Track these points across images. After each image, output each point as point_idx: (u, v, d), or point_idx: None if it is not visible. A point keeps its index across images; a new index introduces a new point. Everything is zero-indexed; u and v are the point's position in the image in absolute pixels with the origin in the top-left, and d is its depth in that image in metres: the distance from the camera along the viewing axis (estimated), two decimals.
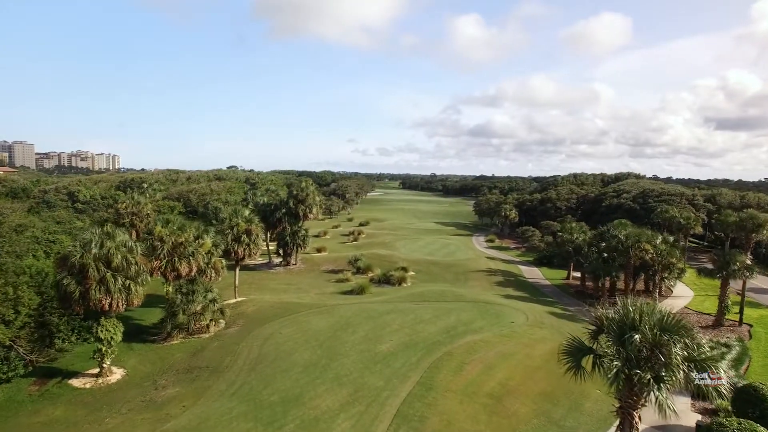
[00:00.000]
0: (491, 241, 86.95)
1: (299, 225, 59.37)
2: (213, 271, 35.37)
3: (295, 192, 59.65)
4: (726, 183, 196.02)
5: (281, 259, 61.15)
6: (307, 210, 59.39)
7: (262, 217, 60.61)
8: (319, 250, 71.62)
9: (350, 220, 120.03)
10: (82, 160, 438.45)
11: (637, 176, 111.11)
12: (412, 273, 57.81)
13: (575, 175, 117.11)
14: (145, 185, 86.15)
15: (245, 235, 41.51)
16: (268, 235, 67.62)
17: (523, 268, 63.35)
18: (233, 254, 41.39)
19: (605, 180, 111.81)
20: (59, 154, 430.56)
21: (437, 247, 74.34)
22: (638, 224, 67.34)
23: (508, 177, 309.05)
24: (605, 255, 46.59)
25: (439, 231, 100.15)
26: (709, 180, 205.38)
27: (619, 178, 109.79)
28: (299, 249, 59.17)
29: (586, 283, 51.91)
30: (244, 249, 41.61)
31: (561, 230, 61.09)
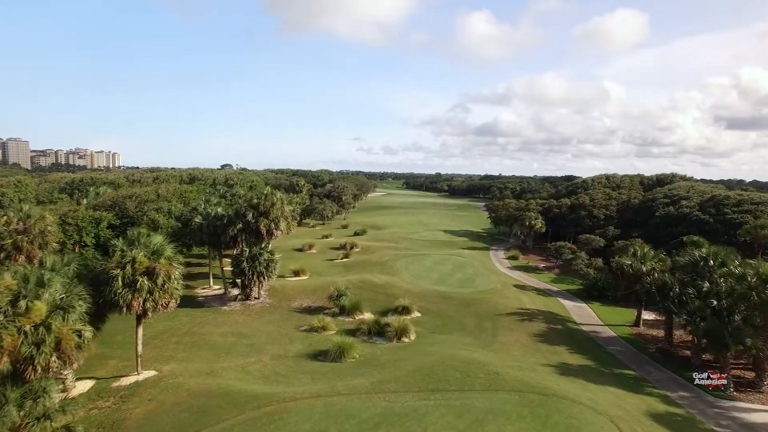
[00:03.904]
0: (514, 258, 70.47)
1: (262, 246, 43.21)
2: (55, 359, 19.22)
3: (255, 201, 43.48)
4: (740, 183, 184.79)
5: (240, 290, 45.10)
6: (272, 225, 43.22)
7: (212, 234, 44.69)
8: (296, 273, 55.67)
9: (345, 227, 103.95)
10: (80, 158, 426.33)
11: (684, 177, 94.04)
12: (417, 314, 41.58)
13: (608, 177, 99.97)
14: (91, 188, 70.35)
15: (144, 278, 25.35)
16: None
17: (566, 303, 46.87)
18: (124, 308, 25.22)
19: (645, 182, 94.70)
20: (56, 152, 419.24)
21: (449, 270, 57.94)
22: (715, 242, 51.19)
23: (515, 176, 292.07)
24: (714, 303, 30.10)
25: (449, 243, 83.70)
26: (721, 180, 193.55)
27: (661, 180, 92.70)
28: (262, 279, 42.98)
29: (673, 333, 35.48)
30: (144, 299, 25.46)
31: (623, 253, 44.66)
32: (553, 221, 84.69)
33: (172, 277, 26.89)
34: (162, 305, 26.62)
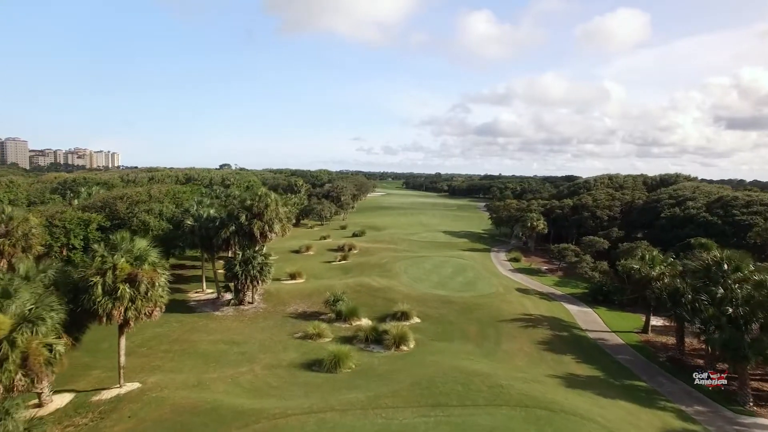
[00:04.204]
0: (516, 260, 68.87)
1: (256, 249, 41.66)
2: (21, 376, 17.63)
3: (249, 202, 41.91)
4: (741, 183, 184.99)
5: (233, 295, 43.54)
6: (266, 227, 41.70)
7: (204, 237, 43.18)
8: (293, 276, 54.25)
9: (343, 228, 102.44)
10: (79, 157, 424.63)
11: (688, 178, 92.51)
12: (417, 320, 40.03)
13: (610, 177, 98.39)
14: (82, 189, 68.81)
15: (126, 286, 23.79)
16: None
17: (571, 308, 45.31)
18: (104, 318, 23.64)
19: (648, 183, 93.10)
20: (55, 152, 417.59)
21: (450, 273, 56.39)
22: (724, 245, 49.77)
23: (515, 176, 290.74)
24: (729, 311, 28.55)
25: (449, 244, 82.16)
26: (722, 180, 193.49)
27: (665, 180, 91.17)
28: (256, 283, 41.43)
29: (685, 341, 33.93)
30: (126, 308, 23.90)
31: (629, 256, 43.27)
32: (555, 222, 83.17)
33: (157, 284, 25.30)
34: (145, 314, 25.07)
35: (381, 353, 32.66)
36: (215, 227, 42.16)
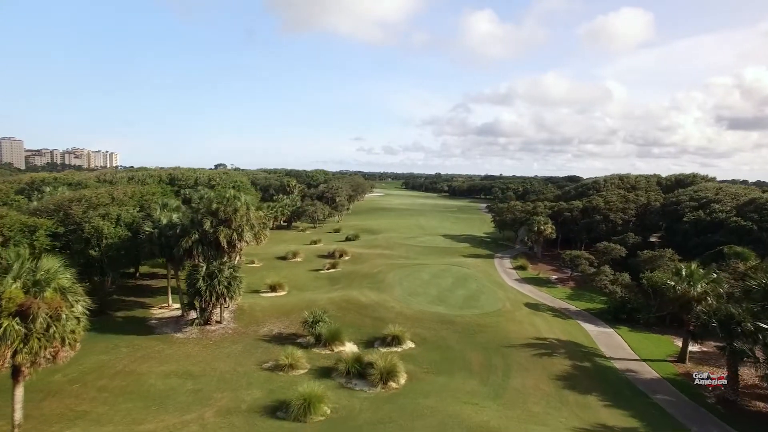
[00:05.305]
0: (522, 268, 62.78)
1: (222, 261, 35.60)
2: None
3: (215, 206, 35.83)
4: (744, 184, 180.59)
5: (198, 314, 37.47)
6: (235, 236, 35.62)
7: (164, 246, 37.14)
8: (273, 288, 48.15)
9: (337, 231, 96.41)
10: (76, 157, 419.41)
11: (705, 178, 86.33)
12: (410, 344, 33.97)
13: (621, 177, 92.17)
14: (48, 189, 62.80)
15: (14, 321, 17.75)
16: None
17: (589, 329, 39.18)
18: None
19: (663, 183, 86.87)
20: (52, 152, 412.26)
21: (449, 284, 50.26)
22: (763, 254, 44.21)
23: (516, 177, 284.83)
24: None
25: (450, 250, 76.02)
26: (724, 180, 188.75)
27: (681, 181, 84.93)
28: (222, 300, 35.36)
29: (734, 374, 27.78)
30: (16, 350, 17.85)
31: (652, 266, 37.32)
32: (563, 226, 76.94)
33: (64, 316, 19.26)
34: (46, 357, 18.96)
35: (364, 392, 26.59)
36: (176, 235, 36.09)
